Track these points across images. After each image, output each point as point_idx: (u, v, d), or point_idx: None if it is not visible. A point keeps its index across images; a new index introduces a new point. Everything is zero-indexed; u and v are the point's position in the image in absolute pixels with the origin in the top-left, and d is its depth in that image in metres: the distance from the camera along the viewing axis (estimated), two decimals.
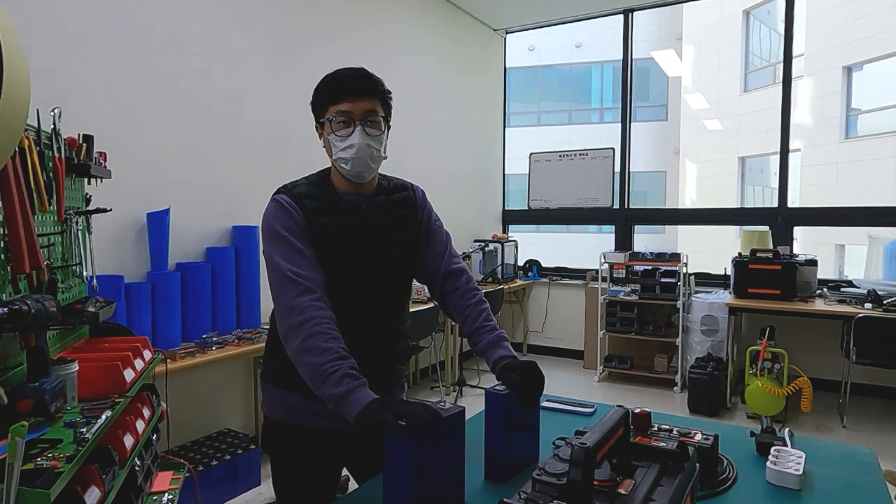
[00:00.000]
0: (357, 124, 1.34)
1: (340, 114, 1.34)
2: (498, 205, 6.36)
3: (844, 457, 1.38)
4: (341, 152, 1.34)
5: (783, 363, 3.91)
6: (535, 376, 1.27)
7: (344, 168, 1.36)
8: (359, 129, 1.33)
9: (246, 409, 3.42)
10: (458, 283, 1.50)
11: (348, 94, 1.33)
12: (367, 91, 1.35)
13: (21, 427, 0.97)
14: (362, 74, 1.36)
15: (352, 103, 1.33)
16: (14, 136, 1.24)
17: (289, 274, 1.27)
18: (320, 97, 1.38)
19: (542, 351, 5.93)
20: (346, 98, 1.33)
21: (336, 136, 1.35)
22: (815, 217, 5.62)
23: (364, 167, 1.36)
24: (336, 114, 1.34)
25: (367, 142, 1.34)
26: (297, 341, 1.22)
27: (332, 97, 1.35)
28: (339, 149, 1.35)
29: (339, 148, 1.35)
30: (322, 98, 1.37)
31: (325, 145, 1.41)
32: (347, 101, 1.33)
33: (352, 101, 1.33)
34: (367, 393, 1.16)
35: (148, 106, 2.86)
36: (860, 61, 9.36)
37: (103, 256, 2.35)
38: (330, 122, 1.35)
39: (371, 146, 1.35)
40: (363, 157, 1.34)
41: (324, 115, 1.37)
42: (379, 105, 1.37)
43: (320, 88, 1.38)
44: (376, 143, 1.36)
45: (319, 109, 1.39)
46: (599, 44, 12.49)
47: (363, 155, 1.34)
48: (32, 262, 1.47)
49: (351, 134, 1.33)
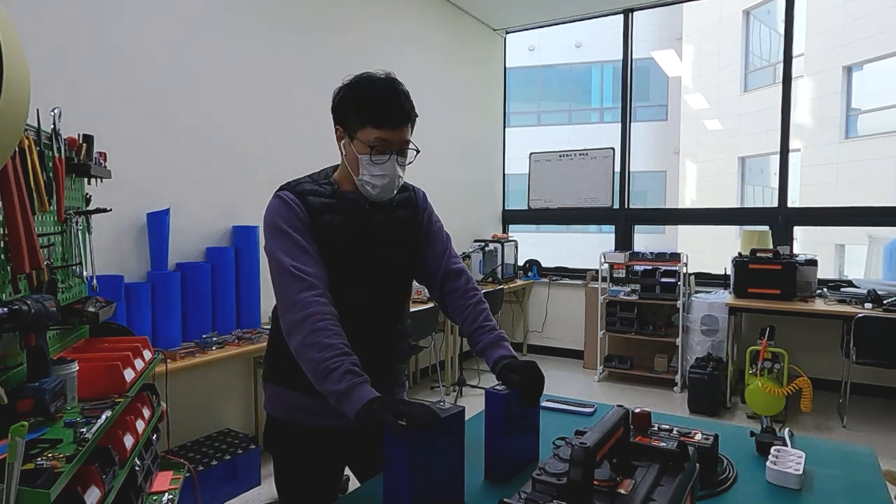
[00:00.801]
0: (393, 154, 1.33)
1: (380, 141, 1.30)
2: (498, 205, 6.36)
3: (844, 457, 1.38)
4: (371, 178, 1.34)
5: (783, 363, 3.91)
6: (535, 376, 1.27)
7: (368, 191, 1.36)
8: (394, 159, 1.33)
9: (246, 409, 3.42)
10: (458, 284, 1.50)
11: (391, 124, 1.30)
12: (407, 120, 1.34)
13: (21, 427, 0.97)
14: (404, 104, 1.31)
15: (393, 132, 1.31)
16: (14, 137, 1.24)
17: (292, 269, 1.27)
18: (358, 114, 1.31)
19: (542, 351, 5.93)
20: (389, 126, 1.30)
21: (370, 160, 1.32)
22: (815, 217, 5.62)
23: (388, 194, 1.39)
24: (374, 140, 1.30)
25: (398, 172, 1.35)
26: (300, 337, 1.22)
27: (373, 118, 1.30)
28: (369, 173, 1.33)
29: (370, 172, 1.33)
30: (360, 116, 1.31)
31: (344, 151, 1.38)
32: (390, 129, 1.30)
33: (394, 131, 1.31)
34: (369, 390, 1.16)
35: (148, 106, 2.86)
36: (860, 61, 9.37)
37: (103, 256, 2.35)
38: (366, 143, 1.31)
39: (399, 177, 1.37)
40: (391, 186, 1.36)
41: (356, 131, 1.32)
42: (410, 131, 1.36)
43: (360, 103, 1.31)
44: (402, 171, 1.38)
45: (352, 122, 1.32)
46: (599, 44, 12.48)
47: (391, 185, 1.36)
48: (32, 262, 1.47)
49: (385, 163, 1.32)
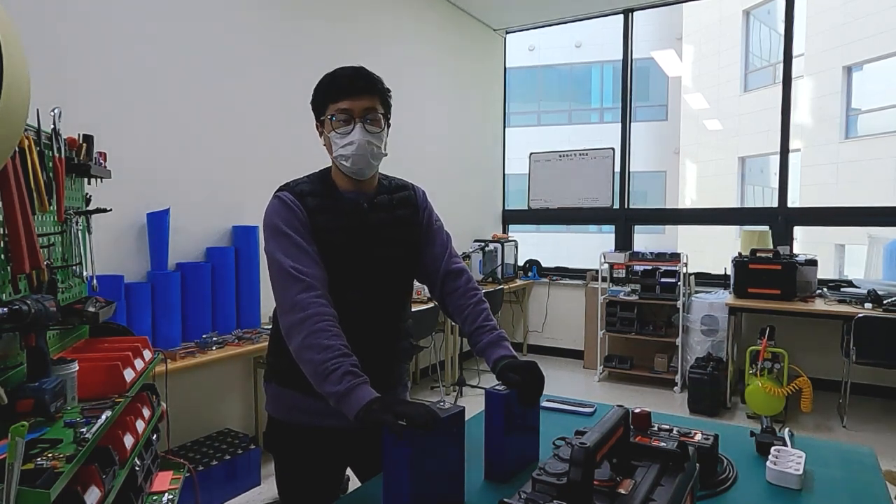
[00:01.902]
0: (357, 122, 1.34)
1: (340, 111, 1.34)
2: (498, 205, 6.36)
3: (844, 457, 1.38)
4: (341, 149, 1.35)
5: (783, 363, 3.91)
6: (535, 376, 1.27)
7: (344, 165, 1.37)
8: (359, 126, 1.34)
9: (246, 409, 3.42)
10: (458, 284, 1.50)
11: (348, 93, 1.34)
12: (367, 89, 1.36)
13: (21, 427, 0.97)
14: (361, 73, 1.37)
15: (351, 101, 1.34)
16: (14, 137, 1.24)
17: (291, 270, 1.27)
18: (320, 95, 1.38)
19: (542, 351, 5.93)
20: (346, 96, 1.34)
21: (336, 133, 1.35)
22: (815, 217, 5.62)
23: (364, 164, 1.37)
24: (336, 112, 1.35)
25: (367, 139, 1.35)
26: (300, 338, 1.23)
27: (331, 95, 1.36)
28: (339, 146, 1.35)
29: (339, 145, 1.35)
30: (322, 96, 1.38)
31: (325, 143, 1.41)
32: (347, 99, 1.34)
33: (351, 99, 1.34)
34: (369, 391, 1.16)
35: (148, 106, 2.86)
36: (860, 61, 9.37)
37: (103, 256, 2.35)
38: (330, 120, 1.36)
39: (371, 143, 1.35)
40: (363, 153, 1.35)
41: (324, 114, 1.38)
42: (378, 102, 1.38)
43: (320, 87, 1.39)
44: (376, 140, 1.37)
45: (319, 108, 1.39)
46: (599, 44, 12.48)
47: (363, 152, 1.35)
48: (32, 262, 1.47)
49: (351, 131, 1.34)
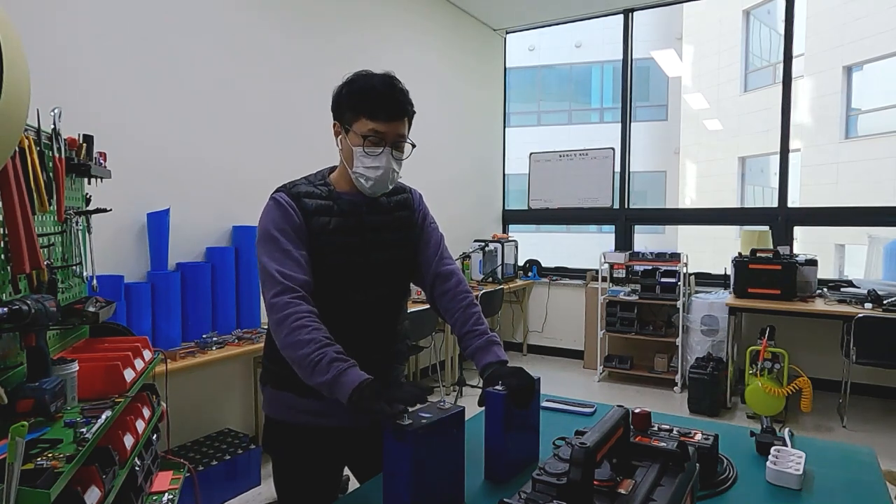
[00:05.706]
0: (387, 147, 1.34)
1: (373, 132, 1.33)
2: (498, 205, 6.36)
3: (844, 457, 1.38)
4: (365, 170, 1.35)
5: (783, 363, 3.90)
6: (522, 382, 1.25)
7: (362, 183, 1.37)
8: (387, 151, 1.34)
9: (246, 409, 3.42)
10: (448, 286, 1.49)
11: (385, 115, 1.32)
12: (403, 114, 1.35)
13: (21, 427, 0.97)
14: (398, 94, 1.34)
15: (387, 125, 1.33)
16: (14, 136, 1.24)
17: (274, 274, 1.28)
18: (353, 103, 1.34)
19: (542, 351, 5.93)
20: (383, 118, 1.32)
21: (364, 151, 1.34)
22: (815, 217, 5.61)
23: (382, 188, 1.39)
24: (369, 131, 1.33)
25: (392, 166, 1.36)
26: (282, 337, 1.24)
27: (366, 111, 1.32)
28: (363, 165, 1.35)
29: (363, 164, 1.35)
30: (354, 107, 1.34)
31: (340, 147, 1.40)
32: (384, 121, 1.32)
33: (387, 123, 1.33)
34: (358, 373, 1.16)
35: (148, 106, 2.86)
36: (860, 61, 9.36)
37: (103, 256, 2.34)
38: (359, 135, 1.34)
39: (394, 170, 1.37)
40: (385, 180, 1.37)
41: (351, 124, 1.35)
42: (407, 126, 1.38)
43: (353, 94, 1.34)
44: (398, 166, 1.39)
45: (348, 116, 1.35)
46: (599, 44, 12.48)
47: (385, 178, 1.36)
48: (32, 262, 1.47)
49: (379, 155, 1.34)
